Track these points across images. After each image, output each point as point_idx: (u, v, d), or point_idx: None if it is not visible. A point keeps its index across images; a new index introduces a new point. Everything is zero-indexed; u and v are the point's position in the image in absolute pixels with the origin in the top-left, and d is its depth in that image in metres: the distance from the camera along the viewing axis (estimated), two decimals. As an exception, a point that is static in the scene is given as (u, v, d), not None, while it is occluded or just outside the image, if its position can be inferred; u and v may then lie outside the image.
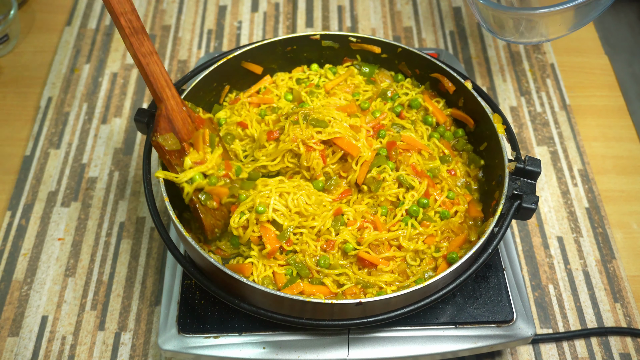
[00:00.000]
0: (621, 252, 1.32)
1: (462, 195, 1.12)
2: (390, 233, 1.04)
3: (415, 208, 1.07)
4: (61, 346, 1.18)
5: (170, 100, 1.05)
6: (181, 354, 1.04)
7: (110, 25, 1.68)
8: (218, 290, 0.98)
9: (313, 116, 1.09)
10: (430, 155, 1.14)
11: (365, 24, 1.70)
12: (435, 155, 1.16)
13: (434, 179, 1.12)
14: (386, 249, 1.04)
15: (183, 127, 1.06)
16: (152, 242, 1.31)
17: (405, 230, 1.05)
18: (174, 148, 1.03)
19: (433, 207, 1.09)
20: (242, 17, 1.71)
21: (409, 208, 1.07)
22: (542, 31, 1.23)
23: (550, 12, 1.14)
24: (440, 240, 1.06)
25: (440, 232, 1.07)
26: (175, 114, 1.05)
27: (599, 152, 1.47)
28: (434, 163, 1.13)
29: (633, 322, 1.22)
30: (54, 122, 1.48)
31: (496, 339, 1.05)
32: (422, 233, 1.06)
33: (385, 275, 1.02)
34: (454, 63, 1.45)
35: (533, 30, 1.22)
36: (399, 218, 1.06)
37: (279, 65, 1.28)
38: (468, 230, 1.08)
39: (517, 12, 1.19)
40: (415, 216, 1.07)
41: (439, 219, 1.08)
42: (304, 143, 1.07)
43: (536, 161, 1.04)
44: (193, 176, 1.02)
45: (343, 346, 1.04)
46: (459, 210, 1.10)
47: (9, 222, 1.33)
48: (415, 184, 1.08)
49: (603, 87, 1.59)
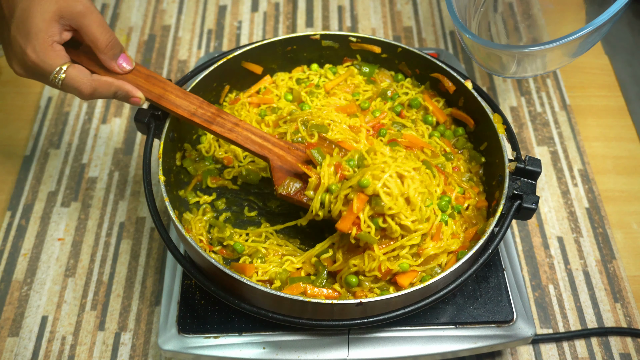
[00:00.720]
0: (621, 252, 1.31)
1: (470, 188, 1.12)
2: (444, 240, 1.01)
3: (445, 203, 1.05)
4: (61, 346, 1.18)
5: (275, 151, 1.06)
6: (181, 354, 1.04)
7: (110, 24, 1.68)
8: (218, 290, 0.98)
9: (312, 122, 1.08)
10: (433, 153, 1.14)
11: (365, 24, 1.70)
12: (438, 152, 1.16)
13: None
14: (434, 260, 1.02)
15: (296, 162, 1.05)
16: (152, 242, 1.31)
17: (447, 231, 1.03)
18: (297, 188, 1.03)
19: (451, 203, 1.09)
20: (242, 17, 1.71)
21: (439, 203, 1.04)
22: (539, 65, 1.14)
23: (550, 47, 1.04)
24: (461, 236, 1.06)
25: (461, 227, 1.07)
26: (284, 159, 1.06)
27: (599, 152, 1.47)
28: (438, 160, 1.13)
29: (633, 322, 1.22)
30: (54, 122, 1.48)
31: (496, 339, 1.05)
32: (454, 232, 1.05)
33: None
34: (454, 63, 1.45)
35: (532, 64, 1.14)
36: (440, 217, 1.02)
37: (279, 65, 1.28)
38: (476, 220, 1.08)
39: (512, 50, 1.09)
40: (446, 211, 1.05)
41: (457, 214, 1.08)
42: None
43: (536, 161, 1.04)
44: (316, 202, 0.99)
45: (343, 346, 1.04)
46: (471, 204, 1.10)
47: (9, 222, 1.33)
48: (437, 175, 1.07)
49: (603, 87, 1.58)
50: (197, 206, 1.14)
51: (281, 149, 1.06)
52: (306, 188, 1.02)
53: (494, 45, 1.09)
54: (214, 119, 1.06)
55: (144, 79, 1.06)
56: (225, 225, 1.09)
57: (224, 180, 1.17)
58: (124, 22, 1.69)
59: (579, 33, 1.01)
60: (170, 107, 1.05)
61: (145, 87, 1.05)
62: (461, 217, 1.08)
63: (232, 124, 1.07)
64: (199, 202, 1.14)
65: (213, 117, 1.06)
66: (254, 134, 1.07)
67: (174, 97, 1.06)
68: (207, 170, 1.17)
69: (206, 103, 1.07)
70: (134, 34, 1.67)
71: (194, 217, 1.11)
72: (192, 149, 1.19)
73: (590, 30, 1.01)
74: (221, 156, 1.19)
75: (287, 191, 1.03)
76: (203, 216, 1.12)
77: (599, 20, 1.00)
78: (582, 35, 1.01)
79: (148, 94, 1.05)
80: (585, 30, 1.01)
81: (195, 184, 1.17)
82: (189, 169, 1.17)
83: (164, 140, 1.08)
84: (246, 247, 1.07)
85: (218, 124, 1.06)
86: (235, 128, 1.06)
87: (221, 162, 1.19)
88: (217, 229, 1.10)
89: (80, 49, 1.05)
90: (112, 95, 1.02)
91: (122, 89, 1.02)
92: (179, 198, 1.14)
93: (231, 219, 1.13)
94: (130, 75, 1.05)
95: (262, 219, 1.13)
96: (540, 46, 1.04)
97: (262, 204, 1.16)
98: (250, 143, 1.06)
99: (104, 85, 1.00)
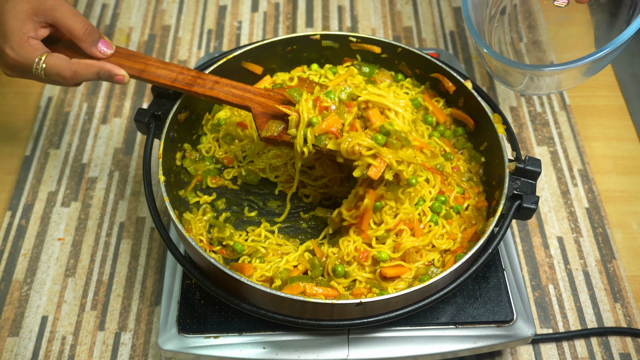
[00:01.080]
0: (621, 252, 1.31)
1: (470, 188, 1.13)
2: (427, 237, 1.04)
3: (438, 204, 1.06)
4: (61, 346, 1.18)
5: (256, 100, 1.08)
6: (181, 354, 1.04)
7: (110, 25, 1.69)
8: (218, 290, 0.98)
9: None
10: (432, 153, 1.14)
11: (365, 24, 1.70)
12: (438, 152, 1.16)
13: None
14: (418, 257, 1.03)
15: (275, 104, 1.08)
16: (152, 242, 1.31)
17: (436, 231, 1.05)
18: (280, 129, 1.05)
19: (448, 203, 1.09)
20: (242, 17, 1.71)
21: (432, 205, 1.06)
22: (553, 84, 1.12)
23: (564, 69, 1.01)
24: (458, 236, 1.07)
25: (459, 227, 1.07)
26: (265, 105, 1.08)
27: (599, 152, 1.47)
28: (438, 160, 1.13)
29: (633, 322, 1.22)
30: (54, 122, 1.48)
31: (496, 339, 1.05)
32: (449, 232, 1.06)
33: (401, 282, 1.02)
34: (454, 63, 1.45)
35: (544, 85, 1.12)
36: (430, 217, 1.05)
37: (279, 65, 1.28)
38: (476, 221, 1.09)
39: (526, 70, 1.07)
40: (439, 212, 1.07)
41: (455, 214, 1.08)
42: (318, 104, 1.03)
43: (536, 161, 1.04)
44: (300, 138, 1.01)
45: (343, 346, 1.04)
46: (470, 204, 1.10)
47: (9, 222, 1.33)
48: (431, 177, 1.08)
49: (603, 87, 1.58)
50: (197, 206, 1.14)
51: (262, 96, 1.09)
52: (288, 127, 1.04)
53: (511, 63, 1.08)
54: (194, 81, 1.09)
55: (125, 58, 1.10)
56: (225, 225, 1.10)
57: (224, 180, 1.17)
58: (124, 22, 1.69)
59: (601, 52, 0.98)
60: (152, 78, 1.09)
61: (127, 65, 1.09)
62: (460, 218, 1.08)
63: (212, 82, 1.09)
64: (199, 202, 1.14)
65: (193, 80, 1.09)
66: (234, 88, 1.09)
67: (154, 68, 1.09)
68: (207, 170, 1.17)
69: (186, 69, 1.10)
70: (134, 34, 1.67)
71: (194, 217, 1.11)
72: (192, 149, 1.19)
73: (610, 50, 0.98)
74: (221, 156, 1.19)
75: (271, 133, 1.05)
76: (203, 216, 1.12)
77: (622, 37, 0.98)
78: (602, 55, 0.99)
79: (130, 70, 1.08)
80: (605, 50, 0.98)
81: (195, 184, 1.17)
82: (189, 169, 1.17)
83: (164, 140, 1.08)
84: (246, 247, 1.07)
85: (199, 85, 1.09)
86: (215, 86, 1.09)
87: (221, 162, 1.19)
88: (217, 228, 1.10)
89: (60, 44, 1.09)
90: (96, 77, 1.05)
91: (104, 68, 1.05)
92: (179, 198, 1.14)
93: (231, 219, 1.13)
94: (112, 58, 1.09)
95: (262, 219, 1.13)
96: (561, 66, 1.02)
97: (262, 204, 1.16)
98: (231, 97, 1.09)
99: (85, 67, 1.04)
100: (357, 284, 1.02)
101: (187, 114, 1.16)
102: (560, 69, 1.01)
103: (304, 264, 1.04)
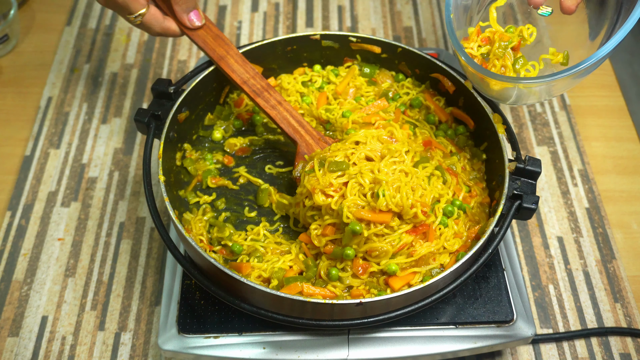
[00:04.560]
0: (621, 252, 1.32)
1: (475, 185, 1.12)
2: (440, 240, 1.02)
3: (451, 208, 1.04)
4: (61, 346, 1.18)
5: (306, 138, 1.11)
6: (181, 354, 1.04)
7: (110, 25, 1.69)
8: (218, 290, 0.98)
9: (330, 159, 1.03)
10: (444, 153, 1.14)
11: (365, 24, 1.70)
12: (448, 152, 1.15)
13: None
14: (432, 260, 1.02)
15: None
16: (152, 242, 1.31)
17: (447, 233, 1.03)
18: None
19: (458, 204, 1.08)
20: (242, 17, 1.71)
21: (445, 208, 1.04)
22: (543, 92, 1.05)
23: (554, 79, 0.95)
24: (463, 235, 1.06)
25: (464, 225, 1.06)
26: (311, 148, 1.11)
27: (599, 152, 1.47)
28: (451, 160, 1.13)
29: (633, 322, 1.22)
30: (54, 122, 1.48)
31: (496, 339, 1.05)
32: (456, 231, 1.04)
33: None
34: (454, 63, 1.45)
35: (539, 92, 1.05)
36: (440, 219, 1.02)
37: (279, 65, 1.28)
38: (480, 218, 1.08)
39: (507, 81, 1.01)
40: (450, 216, 1.04)
41: (462, 213, 1.07)
42: (323, 192, 1.01)
43: (536, 161, 1.04)
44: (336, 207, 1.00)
45: (343, 346, 1.04)
46: (476, 201, 1.10)
47: (9, 222, 1.33)
48: (449, 178, 1.07)
49: (603, 87, 1.58)
50: (197, 206, 1.14)
51: (312, 137, 1.12)
52: None
53: (493, 75, 1.01)
54: (261, 92, 1.13)
55: (212, 37, 1.14)
56: (225, 225, 1.09)
57: (224, 180, 1.17)
58: (124, 22, 1.69)
59: (593, 59, 0.93)
60: (227, 70, 1.13)
61: (211, 45, 1.13)
62: (466, 216, 1.07)
63: (276, 101, 1.13)
64: (199, 202, 1.14)
65: (261, 91, 1.13)
66: (292, 117, 1.13)
67: (233, 61, 1.13)
68: (207, 170, 1.17)
69: (259, 76, 1.14)
70: (134, 34, 1.67)
71: (194, 217, 1.11)
72: (192, 149, 1.20)
73: (603, 55, 0.92)
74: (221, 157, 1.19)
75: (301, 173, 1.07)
76: (203, 216, 1.12)
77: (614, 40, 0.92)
78: (595, 61, 0.93)
79: (212, 52, 1.13)
80: (597, 57, 0.92)
81: (195, 184, 1.17)
82: (189, 169, 1.17)
83: (164, 140, 1.08)
84: (245, 246, 1.07)
85: (263, 98, 1.12)
86: (277, 106, 1.13)
87: (221, 162, 1.19)
88: (217, 228, 1.10)
89: None
90: None
91: None
92: (179, 198, 1.14)
93: (231, 219, 1.13)
94: (200, 31, 1.14)
95: (262, 219, 1.13)
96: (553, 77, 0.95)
97: (262, 204, 1.16)
98: (286, 124, 1.12)
99: (171, 32, 1.12)
100: (355, 287, 1.01)
101: (187, 114, 1.16)
102: (536, 82, 0.97)
103: (299, 265, 1.04)
